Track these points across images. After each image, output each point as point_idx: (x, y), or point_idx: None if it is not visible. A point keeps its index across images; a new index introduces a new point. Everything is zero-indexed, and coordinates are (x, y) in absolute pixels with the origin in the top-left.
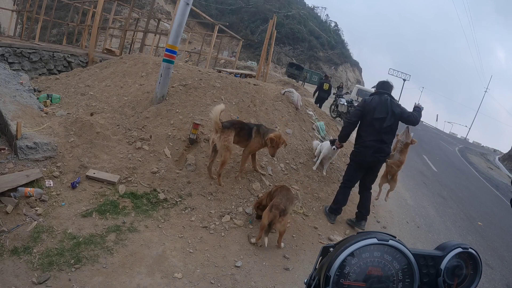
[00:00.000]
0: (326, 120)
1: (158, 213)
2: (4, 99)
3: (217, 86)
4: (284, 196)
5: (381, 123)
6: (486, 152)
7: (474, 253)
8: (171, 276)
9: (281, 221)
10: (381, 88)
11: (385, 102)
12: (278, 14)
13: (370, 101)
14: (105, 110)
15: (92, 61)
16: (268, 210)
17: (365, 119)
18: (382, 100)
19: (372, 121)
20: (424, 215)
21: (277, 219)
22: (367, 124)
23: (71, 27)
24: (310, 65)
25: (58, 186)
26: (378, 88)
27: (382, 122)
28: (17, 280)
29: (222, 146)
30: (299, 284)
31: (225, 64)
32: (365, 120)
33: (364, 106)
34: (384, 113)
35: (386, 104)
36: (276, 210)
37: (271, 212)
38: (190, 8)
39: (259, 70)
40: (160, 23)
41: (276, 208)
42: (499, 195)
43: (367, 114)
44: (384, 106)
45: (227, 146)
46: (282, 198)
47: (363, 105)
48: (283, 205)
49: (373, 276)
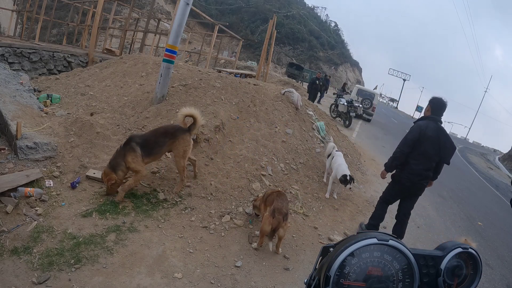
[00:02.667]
0: (326, 120)
1: (158, 213)
2: (4, 99)
3: (217, 86)
4: (284, 200)
5: (436, 153)
6: (486, 152)
7: (474, 253)
8: (171, 276)
9: (283, 226)
10: (437, 111)
11: (441, 131)
12: (278, 14)
13: (425, 129)
14: (105, 110)
15: (92, 61)
16: (269, 215)
17: (419, 148)
18: (437, 130)
19: (425, 151)
20: (424, 215)
21: (281, 224)
22: (420, 154)
23: (71, 27)
24: (310, 65)
25: (58, 186)
26: (433, 108)
27: (437, 152)
28: (17, 280)
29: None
30: (299, 284)
31: (225, 64)
32: (418, 150)
33: (419, 136)
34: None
35: (440, 135)
36: (280, 215)
37: (275, 218)
38: (190, 8)
39: (259, 70)
40: (160, 23)
41: (279, 213)
42: (499, 195)
43: (422, 144)
44: (439, 137)
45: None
46: (282, 202)
47: (418, 133)
48: (285, 209)
49: (373, 276)
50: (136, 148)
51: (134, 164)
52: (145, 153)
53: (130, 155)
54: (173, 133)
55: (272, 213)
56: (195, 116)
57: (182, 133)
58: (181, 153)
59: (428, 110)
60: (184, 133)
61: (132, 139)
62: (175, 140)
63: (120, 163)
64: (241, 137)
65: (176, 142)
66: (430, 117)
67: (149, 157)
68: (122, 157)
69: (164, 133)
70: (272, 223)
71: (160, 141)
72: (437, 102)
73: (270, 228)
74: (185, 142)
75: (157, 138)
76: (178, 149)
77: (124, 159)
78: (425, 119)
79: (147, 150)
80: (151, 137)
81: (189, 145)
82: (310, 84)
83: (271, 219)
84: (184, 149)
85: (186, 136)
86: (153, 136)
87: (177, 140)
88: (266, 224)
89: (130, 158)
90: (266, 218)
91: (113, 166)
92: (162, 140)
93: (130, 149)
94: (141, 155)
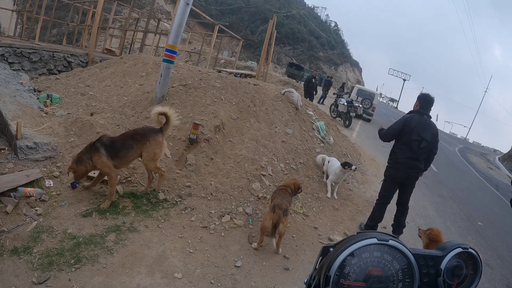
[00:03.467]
0: (326, 120)
1: (158, 213)
2: (4, 99)
3: (217, 86)
4: (285, 197)
5: (419, 144)
6: (486, 152)
7: (474, 253)
8: (171, 276)
9: (284, 221)
10: (425, 106)
11: (424, 124)
12: (278, 14)
13: (410, 120)
14: (105, 110)
15: (92, 61)
16: (270, 211)
17: (402, 138)
18: (421, 122)
19: (409, 141)
20: (424, 215)
21: (281, 219)
22: (404, 143)
23: (71, 27)
24: (310, 65)
25: (58, 186)
26: (421, 103)
27: (420, 143)
28: (17, 280)
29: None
30: (299, 284)
31: (225, 64)
32: (401, 140)
33: (403, 126)
34: (422, 136)
35: (424, 127)
36: (280, 210)
37: (275, 213)
38: (190, 8)
39: (259, 70)
40: (160, 23)
41: (279, 208)
42: (499, 195)
43: (405, 134)
44: (422, 129)
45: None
46: (282, 198)
47: (402, 124)
48: (285, 205)
49: (373, 276)
50: (100, 149)
51: (99, 165)
52: (110, 155)
53: (94, 155)
54: (142, 135)
55: (272, 209)
56: (167, 114)
57: (153, 134)
58: (151, 155)
59: (417, 106)
60: (156, 134)
61: (99, 139)
62: (146, 142)
63: (84, 159)
64: (241, 137)
65: (147, 144)
66: (416, 110)
67: (115, 159)
68: (87, 154)
69: (132, 136)
70: (273, 218)
71: (127, 144)
72: (424, 98)
73: (271, 223)
74: (156, 143)
75: (124, 140)
76: (148, 151)
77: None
78: (412, 112)
79: (112, 152)
80: (119, 139)
81: (160, 147)
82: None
83: (271, 214)
84: (155, 151)
85: (158, 137)
86: (121, 139)
87: (148, 142)
88: (266, 219)
89: (94, 158)
90: (266, 214)
91: (79, 159)
92: (129, 143)
93: (94, 148)
94: (105, 156)
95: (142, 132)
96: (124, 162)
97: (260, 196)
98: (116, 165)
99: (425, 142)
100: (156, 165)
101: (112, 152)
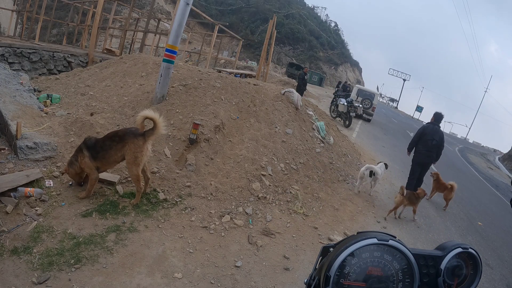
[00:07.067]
0: (326, 120)
1: (158, 213)
2: (4, 99)
3: (217, 86)
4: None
5: (431, 142)
6: (486, 152)
7: (474, 253)
8: (171, 276)
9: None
10: (436, 120)
11: (436, 130)
12: (278, 14)
13: (426, 129)
14: (105, 110)
15: (92, 61)
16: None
17: (422, 139)
18: (434, 129)
19: (426, 140)
20: (424, 215)
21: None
22: (423, 141)
23: (71, 27)
24: (310, 65)
25: (58, 186)
26: (435, 118)
27: (432, 141)
28: (17, 280)
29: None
30: (299, 284)
31: (225, 64)
32: (421, 140)
33: (423, 131)
34: (433, 137)
35: (435, 132)
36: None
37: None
38: (190, 8)
39: (259, 70)
40: (160, 23)
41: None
42: (499, 195)
43: (424, 136)
44: (434, 133)
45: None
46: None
47: (423, 130)
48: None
49: (373, 276)
50: (84, 150)
51: (83, 165)
52: (92, 156)
53: (79, 155)
54: (121, 137)
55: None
56: (155, 120)
57: (132, 137)
58: (131, 159)
59: (432, 119)
60: (136, 137)
61: (84, 140)
62: (125, 144)
63: (73, 161)
64: (241, 137)
65: (126, 147)
66: (431, 122)
67: (95, 160)
68: (76, 156)
69: (112, 137)
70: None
71: (106, 145)
72: (437, 115)
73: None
74: (136, 147)
75: (104, 141)
76: (128, 154)
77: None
78: (428, 123)
79: (93, 153)
80: (100, 140)
81: (141, 151)
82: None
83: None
84: (135, 155)
85: (138, 141)
86: (101, 140)
87: (127, 145)
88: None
89: (79, 158)
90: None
91: (70, 162)
92: (108, 143)
93: (79, 149)
94: (88, 157)
95: (122, 134)
96: (104, 163)
97: (260, 196)
98: (98, 166)
99: (435, 141)
100: (136, 172)
101: (93, 154)
